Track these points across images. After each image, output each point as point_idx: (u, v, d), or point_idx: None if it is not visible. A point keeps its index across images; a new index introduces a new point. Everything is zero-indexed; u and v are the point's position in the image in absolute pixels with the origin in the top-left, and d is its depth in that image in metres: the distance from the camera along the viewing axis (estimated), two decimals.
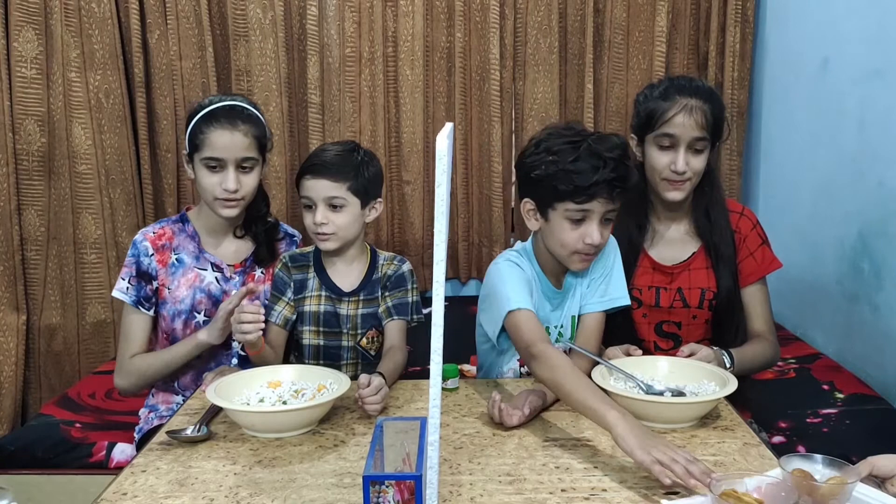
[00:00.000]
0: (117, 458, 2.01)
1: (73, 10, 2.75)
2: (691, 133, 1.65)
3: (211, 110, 1.70)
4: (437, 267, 0.97)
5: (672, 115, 1.64)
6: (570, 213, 1.50)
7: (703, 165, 1.69)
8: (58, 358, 2.88)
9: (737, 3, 2.92)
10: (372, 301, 1.74)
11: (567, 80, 3.06)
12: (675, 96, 1.66)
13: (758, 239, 1.77)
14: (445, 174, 0.93)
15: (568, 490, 1.18)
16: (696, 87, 1.68)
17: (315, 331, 1.73)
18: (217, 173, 1.68)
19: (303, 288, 1.73)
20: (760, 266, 1.76)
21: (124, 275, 1.74)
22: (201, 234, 1.80)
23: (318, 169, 1.67)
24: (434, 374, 0.99)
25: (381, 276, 1.75)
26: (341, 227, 1.67)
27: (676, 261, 1.77)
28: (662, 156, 1.68)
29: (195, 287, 1.76)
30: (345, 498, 1.16)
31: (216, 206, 1.71)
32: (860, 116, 2.27)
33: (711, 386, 1.47)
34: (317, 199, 1.67)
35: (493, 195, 3.06)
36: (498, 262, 1.64)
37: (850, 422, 1.98)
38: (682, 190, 1.69)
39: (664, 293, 1.76)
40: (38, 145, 2.75)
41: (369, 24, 2.96)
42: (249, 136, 1.69)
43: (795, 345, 2.52)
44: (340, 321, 1.72)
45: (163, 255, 1.76)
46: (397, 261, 1.78)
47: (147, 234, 1.77)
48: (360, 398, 1.43)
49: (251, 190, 1.73)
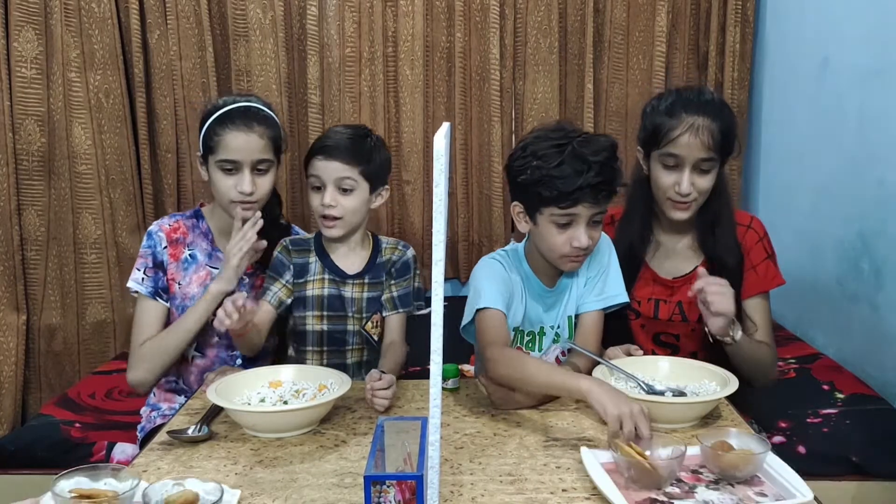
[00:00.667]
0: (117, 457, 2.01)
1: (73, 10, 2.74)
2: (697, 154, 1.59)
3: (226, 111, 1.68)
4: (436, 267, 0.97)
5: (677, 135, 1.59)
6: (555, 218, 1.49)
7: (711, 185, 1.63)
8: (58, 358, 2.87)
9: (737, 3, 2.92)
10: (377, 285, 1.72)
11: (567, 80, 3.06)
12: (682, 113, 1.59)
13: (762, 252, 1.71)
14: (443, 174, 0.93)
15: (569, 490, 1.18)
16: (704, 103, 1.61)
17: (319, 315, 1.71)
18: (232, 176, 1.67)
19: (304, 272, 1.71)
20: (762, 280, 1.70)
21: (139, 265, 1.73)
22: (215, 233, 1.79)
23: (330, 150, 1.66)
24: (434, 374, 0.99)
25: (385, 261, 1.74)
26: (349, 211, 1.66)
27: (678, 274, 1.73)
28: (667, 175, 1.63)
29: (206, 285, 1.75)
30: (346, 498, 1.16)
31: (231, 209, 1.70)
32: (860, 116, 2.27)
33: (712, 386, 1.47)
34: (327, 181, 1.65)
35: (492, 195, 3.06)
36: (483, 259, 1.65)
37: (850, 422, 1.98)
38: (687, 210, 1.65)
39: (664, 306, 1.73)
40: (38, 145, 2.75)
41: (369, 24, 2.96)
42: (265, 137, 1.68)
43: (795, 345, 2.52)
44: (345, 304, 1.71)
45: (176, 249, 1.75)
46: (401, 246, 1.77)
47: (162, 225, 1.76)
48: (371, 390, 1.43)
49: (266, 192, 1.72)
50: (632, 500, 1.12)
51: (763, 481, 1.18)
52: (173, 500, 1.06)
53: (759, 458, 1.19)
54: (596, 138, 1.51)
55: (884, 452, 1.89)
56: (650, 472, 1.15)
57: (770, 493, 1.15)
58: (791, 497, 1.11)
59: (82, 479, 1.10)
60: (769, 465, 1.19)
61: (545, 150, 1.48)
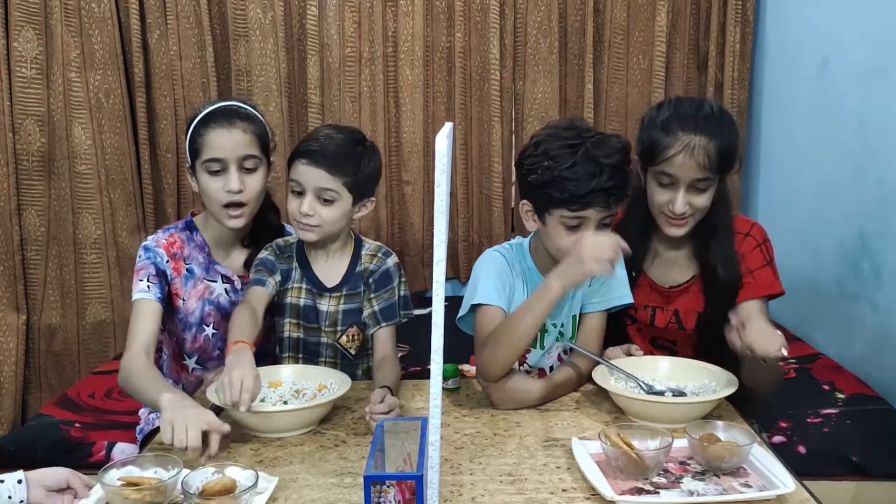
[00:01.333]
0: (117, 457, 2.00)
1: (73, 10, 2.75)
2: (692, 175, 1.53)
3: (207, 113, 1.65)
4: (436, 267, 0.97)
5: (671, 155, 1.52)
6: (565, 220, 1.47)
7: (708, 203, 1.57)
8: (58, 358, 2.88)
9: (737, 3, 2.92)
10: (354, 297, 1.66)
11: (567, 80, 3.06)
12: (678, 131, 1.52)
13: (760, 259, 1.65)
14: (445, 174, 0.93)
15: (569, 490, 1.18)
16: (702, 119, 1.54)
17: (295, 323, 1.67)
18: (219, 177, 1.62)
19: (286, 279, 1.66)
20: (758, 285, 1.63)
21: (142, 276, 1.63)
22: (210, 244, 1.73)
23: (315, 156, 1.56)
24: (434, 374, 0.99)
25: (363, 270, 1.66)
26: (327, 222, 1.58)
27: (675, 283, 1.70)
28: (662, 193, 1.58)
29: (204, 299, 1.71)
30: (346, 498, 1.16)
31: (222, 216, 1.64)
32: (860, 116, 2.27)
33: (712, 386, 1.47)
34: (307, 187, 1.56)
35: (493, 195, 3.06)
36: (487, 251, 1.65)
37: (851, 422, 1.98)
38: (682, 227, 1.60)
39: (660, 313, 1.71)
40: (38, 145, 2.75)
41: (369, 24, 2.96)
42: (248, 132, 1.63)
43: (795, 345, 2.52)
44: (319, 317, 1.65)
45: (177, 264, 1.69)
46: (382, 254, 1.68)
47: (159, 240, 1.68)
48: (371, 413, 1.36)
49: (256, 193, 1.65)
50: (618, 488, 1.15)
51: (749, 473, 1.21)
52: (211, 487, 1.11)
53: (745, 450, 1.21)
54: (609, 139, 1.48)
55: (884, 452, 1.89)
56: (637, 462, 1.18)
57: (755, 485, 1.17)
58: (774, 488, 1.13)
59: (133, 469, 1.17)
60: (755, 457, 1.22)
61: (557, 149, 1.46)
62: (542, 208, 1.51)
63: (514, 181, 3.12)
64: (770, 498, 1.13)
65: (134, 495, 1.10)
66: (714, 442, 1.23)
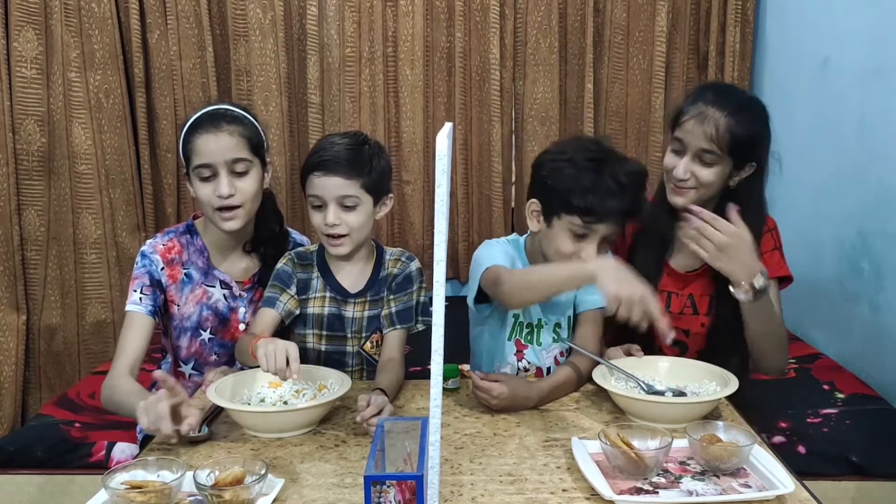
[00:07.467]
0: (117, 457, 2.01)
1: (73, 10, 2.75)
2: (698, 143, 1.58)
3: (195, 119, 1.63)
4: (437, 267, 0.97)
5: (685, 120, 1.60)
6: (574, 228, 1.49)
7: (713, 179, 1.61)
8: (58, 358, 2.88)
9: (737, 3, 2.92)
10: (377, 302, 1.65)
11: (567, 80, 3.06)
12: (699, 101, 1.60)
13: (770, 243, 1.71)
14: (445, 174, 0.93)
15: (569, 490, 1.18)
16: (725, 95, 1.61)
17: (318, 335, 1.65)
18: (210, 182, 1.60)
19: (306, 288, 1.64)
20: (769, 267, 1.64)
21: (136, 287, 1.63)
22: (210, 248, 1.72)
23: (329, 165, 1.55)
24: (434, 374, 0.99)
25: (387, 275, 1.66)
26: (354, 228, 1.57)
27: (691, 268, 1.73)
28: (672, 158, 1.65)
29: (202, 304, 1.70)
30: (346, 498, 1.16)
31: (216, 219, 1.63)
32: (860, 116, 2.27)
33: (712, 386, 1.47)
34: (328, 199, 1.55)
35: (493, 195, 3.06)
36: (486, 241, 1.67)
37: (850, 422, 1.98)
38: (684, 196, 1.63)
39: (675, 298, 1.73)
40: (38, 145, 2.75)
41: (369, 24, 2.96)
42: (236, 135, 1.60)
43: (795, 345, 2.52)
44: (345, 324, 1.64)
45: (173, 270, 1.68)
46: (405, 258, 1.68)
47: (156, 246, 1.67)
48: (363, 420, 1.34)
49: (250, 196, 1.63)
50: (617, 488, 1.15)
51: (748, 473, 1.21)
52: (223, 479, 1.13)
53: (745, 451, 1.21)
54: (629, 162, 1.52)
55: (884, 452, 1.89)
56: (636, 462, 1.18)
57: (754, 485, 1.17)
58: (774, 488, 1.14)
59: (138, 472, 1.18)
60: (755, 458, 1.22)
61: (583, 160, 1.48)
62: (553, 211, 1.51)
63: (514, 181, 3.14)
64: (769, 498, 1.13)
65: (139, 498, 1.10)
66: (715, 442, 1.23)
